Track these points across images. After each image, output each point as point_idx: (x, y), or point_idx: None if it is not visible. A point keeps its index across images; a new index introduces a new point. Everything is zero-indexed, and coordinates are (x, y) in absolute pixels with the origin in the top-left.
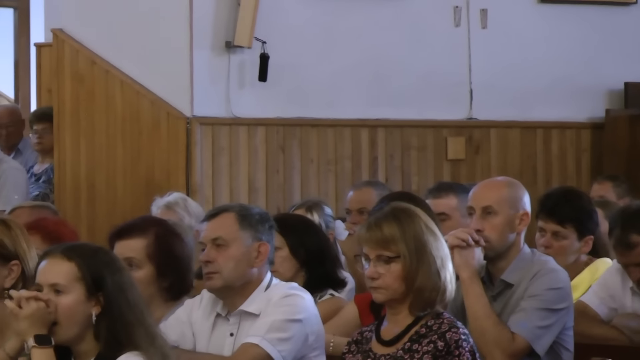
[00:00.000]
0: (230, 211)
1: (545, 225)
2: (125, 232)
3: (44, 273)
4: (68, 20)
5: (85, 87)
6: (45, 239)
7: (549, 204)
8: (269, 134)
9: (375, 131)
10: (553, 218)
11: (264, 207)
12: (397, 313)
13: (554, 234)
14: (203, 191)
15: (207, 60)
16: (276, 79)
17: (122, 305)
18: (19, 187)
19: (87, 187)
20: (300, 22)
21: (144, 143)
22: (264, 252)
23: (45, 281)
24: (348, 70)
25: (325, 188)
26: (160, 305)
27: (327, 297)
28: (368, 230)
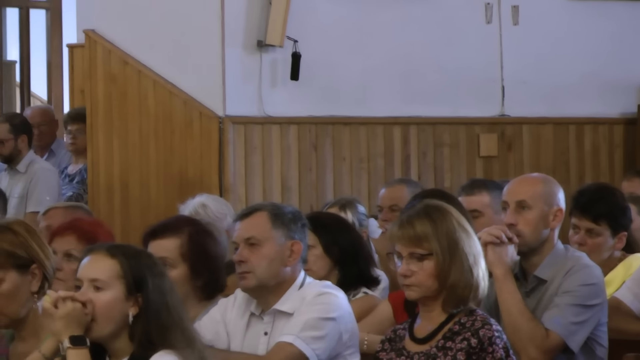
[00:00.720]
0: (263, 210)
1: (579, 223)
2: (159, 232)
3: (86, 268)
4: (100, 21)
5: (118, 88)
6: (81, 239)
7: (583, 201)
8: (302, 132)
9: (408, 129)
10: (587, 215)
11: (297, 205)
12: (431, 310)
13: (587, 231)
14: (236, 190)
15: (239, 59)
16: (308, 78)
17: (160, 308)
18: (50, 188)
19: (121, 188)
20: (331, 21)
21: (177, 143)
22: (297, 251)
23: (85, 276)
24: (380, 67)
25: (357, 186)
26: (194, 305)
27: (360, 295)
28: (400, 228)
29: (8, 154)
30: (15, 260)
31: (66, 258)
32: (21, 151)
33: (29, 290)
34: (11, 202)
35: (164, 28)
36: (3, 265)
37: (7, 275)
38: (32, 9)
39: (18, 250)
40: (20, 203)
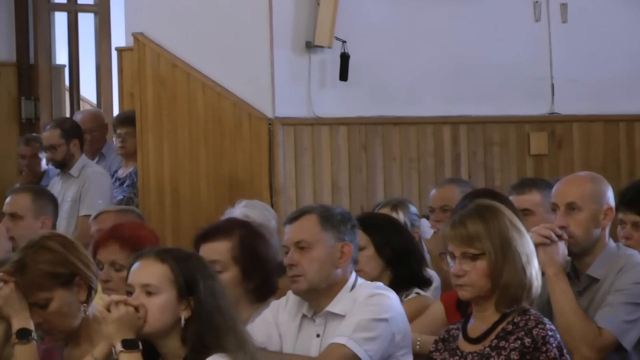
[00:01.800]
0: (312, 213)
1: (625, 217)
2: (210, 235)
3: (137, 274)
4: (148, 24)
5: (167, 91)
6: (124, 246)
7: (628, 196)
8: (351, 133)
9: (457, 128)
10: (632, 209)
11: (348, 206)
12: (484, 310)
13: (633, 224)
14: (286, 192)
15: (288, 60)
16: (357, 78)
17: (212, 310)
18: (103, 192)
19: (171, 190)
20: (380, 21)
21: (227, 145)
22: (347, 253)
23: (137, 281)
24: (429, 67)
25: (408, 186)
26: (247, 307)
27: (413, 295)
28: (452, 228)
29: (61, 159)
30: (58, 279)
31: (112, 268)
32: (74, 155)
33: (77, 301)
34: (64, 206)
35: (212, 30)
36: (47, 286)
37: (54, 294)
38: (81, 12)
39: (58, 269)
40: (73, 207)
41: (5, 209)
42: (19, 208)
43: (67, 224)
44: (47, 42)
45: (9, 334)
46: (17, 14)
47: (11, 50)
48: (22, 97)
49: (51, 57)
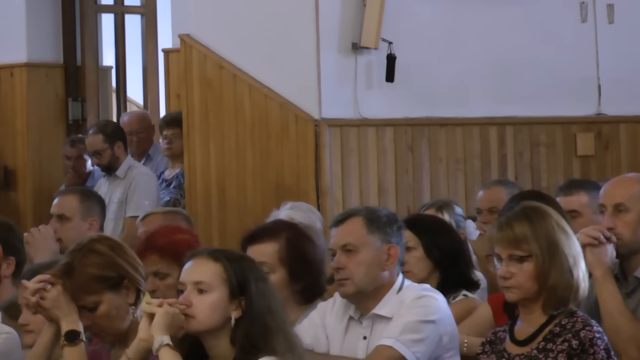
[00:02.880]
0: (358, 215)
1: None
2: (257, 237)
3: (189, 272)
4: (195, 25)
5: (214, 92)
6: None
7: None
8: (398, 134)
9: (504, 129)
10: None
11: (394, 207)
12: (531, 312)
13: None
14: (333, 193)
15: (334, 62)
16: (403, 79)
17: (263, 311)
18: (149, 193)
19: (218, 192)
20: (426, 22)
21: (273, 146)
22: (394, 255)
23: (189, 279)
24: (475, 68)
25: (454, 187)
26: (294, 309)
27: (460, 297)
28: (499, 230)
29: (107, 163)
30: (106, 282)
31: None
32: (119, 158)
33: (125, 303)
34: (111, 208)
35: (259, 32)
36: (95, 289)
37: (102, 297)
38: (128, 14)
39: (106, 272)
40: (120, 208)
41: (53, 210)
42: (66, 210)
43: (114, 225)
44: (94, 44)
45: (57, 336)
46: (64, 15)
47: (58, 52)
48: (69, 99)
49: (98, 58)
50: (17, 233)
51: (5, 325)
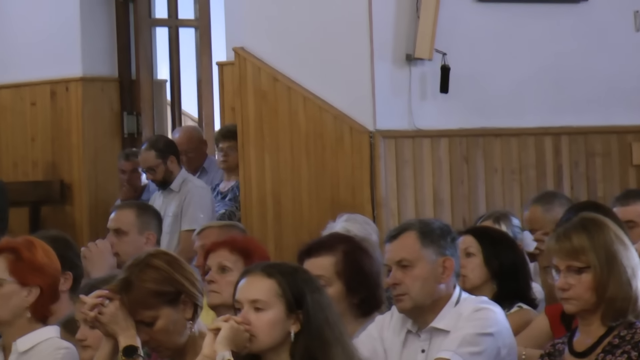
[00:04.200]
0: (411, 230)
1: None
2: (313, 250)
3: (244, 290)
4: (249, 38)
5: (268, 104)
6: (234, 250)
7: None
8: (452, 145)
9: (559, 139)
10: None
11: (449, 218)
12: (589, 324)
13: None
14: (388, 204)
15: (388, 73)
16: (458, 90)
17: (321, 324)
18: (204, 206)
19: (273, 204)
20: (480, 32)
21: (328, 158)
22: (449, 267)
23: (245, 298)
24: (530, 78)
25: (510, 198)
26: (351, 322)
27: (516, 309)
28: (557, 241)
29: (161, 178)
30: (164, 297)
31: (220, 270)
32: (172, 172)
33: (183, 318)
34: (166, 221)
35: (313, 44)
36: (153, 304)
37: (160, 312)
38: (182, 27)
39: (164, 287)
40: (175, 222)
41: (109, 224)
42: (123, 224)
43: (169, 239)
44: (148, 57)
45: (115, 351)
46: (119, 29)
47: (113, 66)
48: (124, 112)
49: (153, 72)
50: (75, 248)
51: (63, 340)
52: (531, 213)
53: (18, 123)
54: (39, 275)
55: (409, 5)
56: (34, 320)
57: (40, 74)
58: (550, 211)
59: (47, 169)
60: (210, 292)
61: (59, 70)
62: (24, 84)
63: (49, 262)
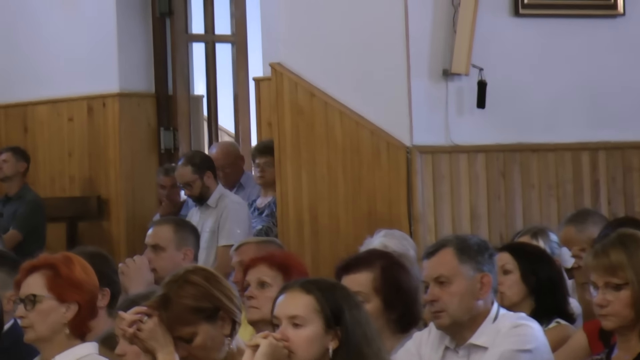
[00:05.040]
0: (448, 246)
1: None
2: (351, 266)
3: (283, 306)
4: (285, 54)
5: (305, 120)
6: (273, 265)
7: None
8: (489, 160)
9: (596, 154)
10: None
11: (486, 234)
12: (628, 340)
13: None
14: (425, 220)
15: (425, 88)
16: (494, 105)
17: (360, 340)
18: (241, 222)
19: (310, 219)
20: (517, 47)
21: (365, 173)
22: (487, 283)
23: (283, 314)
24: (567, 93)
25: (547, 213)
26: (389, 338)
27: (553, 324)
28: (595, 257)
29: (198, 193)
30: (202, 313)
31: (259, 286)
32: (209, 187)
33: (221, 334)
34: (203, 237)
35: (349, 59)
36: (192, 321)
37: (199, 328)
38: (218, 43)
39: (202, 303)
40: (212, 237)
41: (147, 240)
42: (161, 240)
43: (206, 254)
44: (185, 73)
45: None
46: (156, 45)
47: (150, 82)
48: (161, 128)
49: (189, 87)
50: (113, 264)
51: (101, 356)
52: (565, 233)
53: (55, 139)
54: (77, 291)
55: (445, 20)
56: (72, 337)
57: (77, 90)
58: (583, 231)
59: (84, 185)
60: (249, 307)
61: (96, 85)
62: (61, 100)
63: (87, 278)
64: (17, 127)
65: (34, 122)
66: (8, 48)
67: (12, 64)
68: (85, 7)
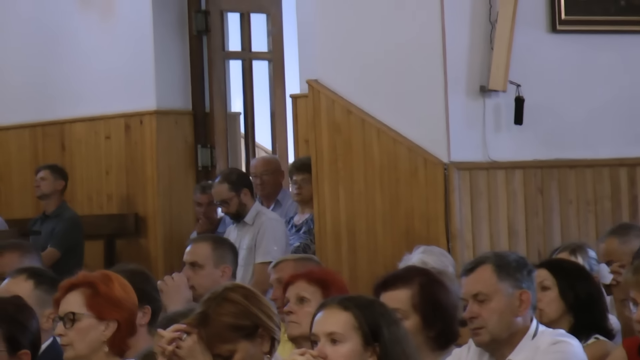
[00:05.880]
0: (487, 263)
1: None
2: (390, 283)
3: (321, 323)
4: (322, 71)
5: (342, 137)
6: (312, 281)
7: None
8: (527, 176)
9: (635, 170)
10: None
11: (524, 250)
12: None
13: None
14: (463, 237)
15: (462, 105)
16: (532, 121)
17: (398, 357)
18: (278, 239)
19: (348, 236)
20: (554, 63)
21: (402, 190)
22: (526, 300)
23: (321, 331)
24: (604, 108)
25: (585, 229)
26: (428, 355)
27: (592, 340)
28: (635, 273)
29: (235, 211)
30: (241, 331)
31: (298, 301)
32: (246, 205)
33: (261, 352)
34: (240, 254)
35: (386, 76)
36: (230, 338)
37: (237, 346)
38: (255, 60)
39: (241, 321)
40: (249, 254)
41: (185, 258)
42: (199, 257)
43: (243, 271)
44: (222, 90)
45: None
46: (193, 62)
47: (187, 99)
48: (198, 145)
49: (226, 104)
50: (153, 281)
51: None
52: (607, 245)
53: (92, 156)
54: (116, 309)
55: (482, 37)
56: (111, 355)
57: (114, 108)
58: (627, 243)
59: (122, 202)
60: (289, 322)
61: (133, 103)
62: (98, 118)
63: (126, 296)
64: (55, 145)
65: (72, 140)
66: (45, 65)
67: (49, 81)
68: (122, 25)
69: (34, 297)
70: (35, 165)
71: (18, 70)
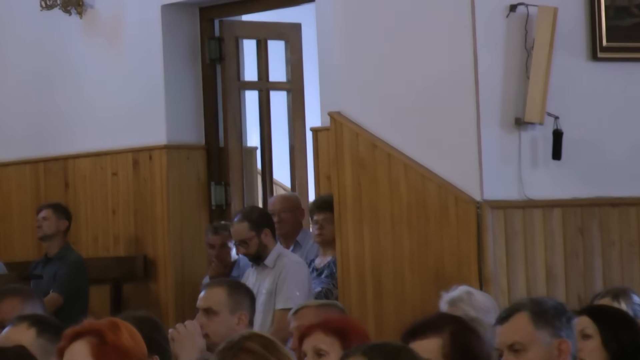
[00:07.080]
0: (523, 310)
1: None
2: (419, 332)
3: None
4: (345, 102)
5: (367, 173)
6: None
7: None
8: (566, 215)
9: None
10: None
11: (563, 295)
12: None
13: None
14: (497, 280)
15: (496, 139)
16: (571, 156)
17: None
18: (300, 283)
19: (373, 280)
20: (595, 94)
21: (432, 230)
22: (565, 350)
23: None
24: None
25: (629, 272)
26: None
27: None
28: None
29: (254, 252)
30: None
31: (316, 355)
32: (267, 246)
33: None
34: (259, 299)
35: (414, 107)
36: None
37: None
38: (273, 90)
39: None
40: (269, 299)
41: (199, 304)
42: (213, 303)
43: (262, 318)
44: (237, 123)
45: None
46: (206, 93)
47: (200, 133)
48: (211, 182)
49: (242, 138)
50: (162, 330)
51: None
52: None
53: (98, 194)
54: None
55: (518, 66)
56: None
57: (121, 142)
58: None
59: (130, 244)
60: None
61: (142, 137)
62: (104, 153)
63: (135, 345)
64: (58, 182)
65: (76, 177)
66: (47, 97)
67: (51, 114)
68: (130, 52)
69: (36, 347)
70: (37, 203)
71: (18, 101)
